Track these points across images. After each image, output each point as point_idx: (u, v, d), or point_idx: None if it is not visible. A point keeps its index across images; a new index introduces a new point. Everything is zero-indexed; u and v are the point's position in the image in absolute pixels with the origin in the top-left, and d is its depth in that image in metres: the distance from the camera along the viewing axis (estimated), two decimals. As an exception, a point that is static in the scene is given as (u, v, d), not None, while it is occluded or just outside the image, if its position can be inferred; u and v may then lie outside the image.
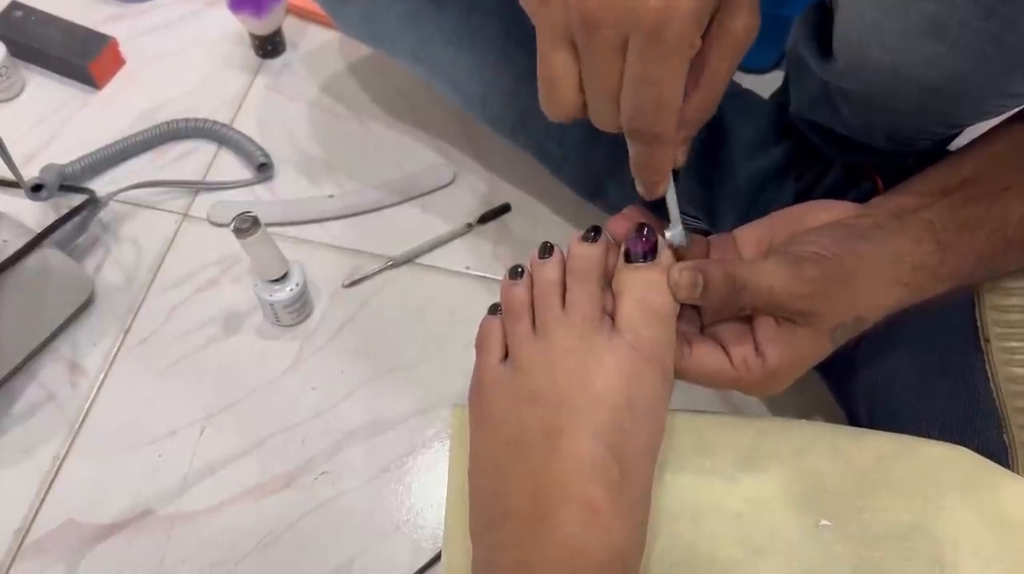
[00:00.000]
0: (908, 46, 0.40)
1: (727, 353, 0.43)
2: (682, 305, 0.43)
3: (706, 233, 0.47)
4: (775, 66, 0.83)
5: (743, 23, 0.38)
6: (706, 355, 0.43)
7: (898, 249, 0.43)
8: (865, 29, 0.41)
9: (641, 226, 0.43)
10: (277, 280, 0.65)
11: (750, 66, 0.83)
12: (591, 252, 0.43)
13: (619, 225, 0.44)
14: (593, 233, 0.44)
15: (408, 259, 0.73)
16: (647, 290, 0.42)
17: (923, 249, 0.43)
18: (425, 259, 0.74)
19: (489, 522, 0.42)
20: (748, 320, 0.44)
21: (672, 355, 0.42)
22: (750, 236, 0.46)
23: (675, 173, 0.43)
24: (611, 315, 0.43)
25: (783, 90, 0.64)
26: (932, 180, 0.47)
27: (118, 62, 0.85)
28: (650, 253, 0.42)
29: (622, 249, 0.43)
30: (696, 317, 0.46)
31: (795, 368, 0.43)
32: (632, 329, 0.41)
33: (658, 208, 0.44)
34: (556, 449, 0.39)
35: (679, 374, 0.44)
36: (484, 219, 0.75)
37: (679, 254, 0.44)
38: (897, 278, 0.43)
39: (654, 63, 0.35)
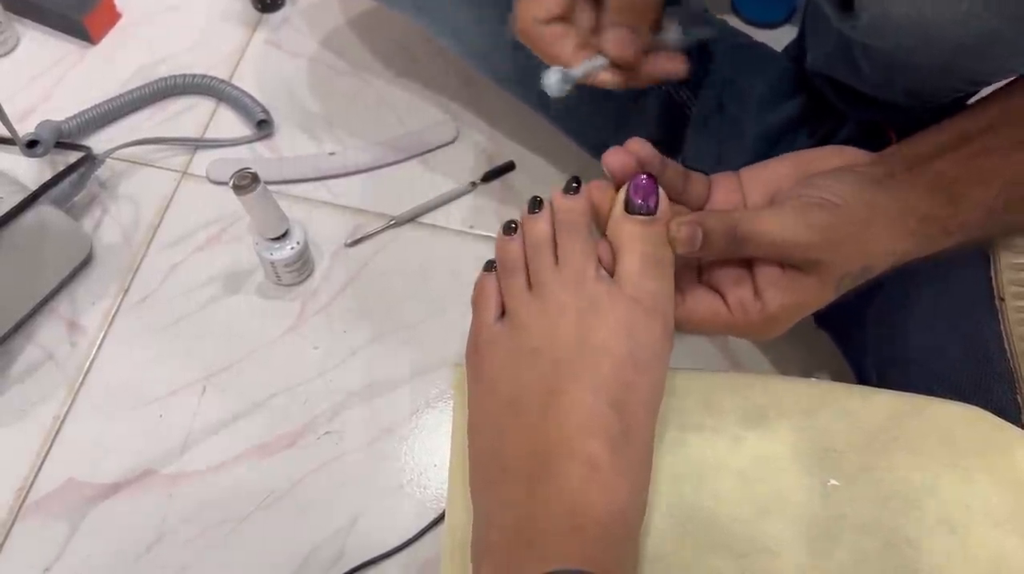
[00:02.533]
0: (939, 3, 0.38)
1: (723, 297, 0.42)
2: None
3: None
4: (787, 20, 0.81)
5: None
6: (701, 300, 0.42)
7: (909, 199, 0.41)
8: None
9: (641, 173, 0.41)
10: (278, 238, 0.64)
11: (762, 19, 0.80)
12: (575, 204, 0.42)
13: (617, 159, 0.42)
14: (574, 184, 0.42)
15: (411, 218, 0.72)
16: (649, 243, 0.40)
17: (935, 200, 0.42)
18: (428, 218, 0.73)
19: (488, 480, 0.41)
20: (747, 263, 0.42)
21: (672, 307, 0.41)
22: (757, 178, 0.45)
23: None
24: (606, 265, 0.42)
25: (797, 44, 0.62)
26: (947, 131, 0.46)
27: (114, 16, 0.83)
28: (653, 204, 0.41)
29: (620, 196, 0.42)
30: (693, 260, 0.45)
31: (795, 314, 0.42)
32: (633, 282, 0.40)
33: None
34: (555, 405, 0.39)
35: (675, 324, 0.43)
36: (488, 177, 0.74)
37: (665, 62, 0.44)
38: (906, 228, 0.41)
39: None
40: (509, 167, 0.75)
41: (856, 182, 0.41)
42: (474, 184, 0.74)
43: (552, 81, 0.43)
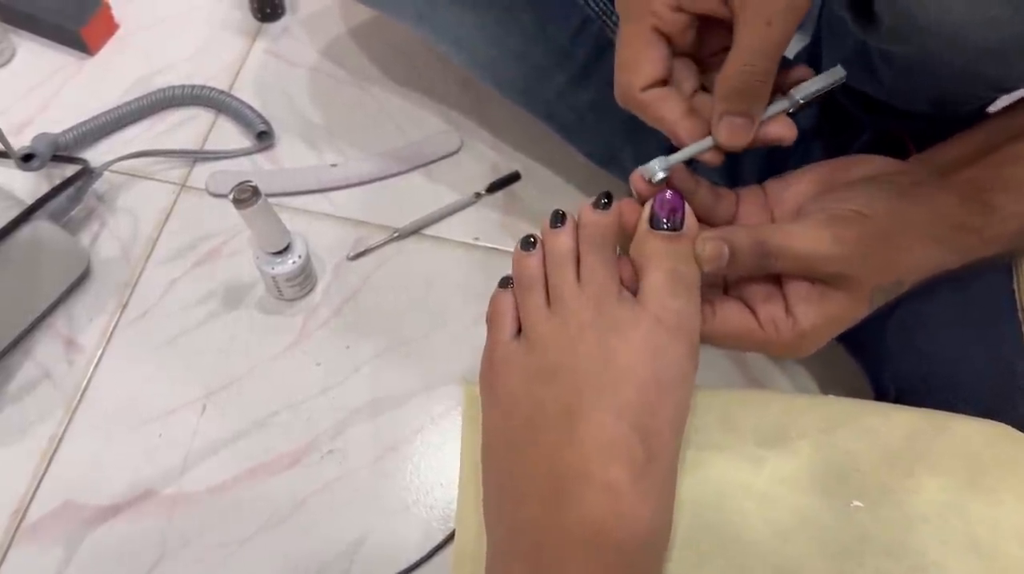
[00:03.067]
0: (970, 7, 0.37)
1: (754, 313, 0.41)
2: None
3: None
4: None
5: None
6: (732, 316, 0.41)
7: (941, 209, 0.40)
8: None
9: (666, 190, 0.40)
10: (279, 252, 0.63)
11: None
12: (604, 220, 0.41)
13: (642, 180, 0.41)
14: (605, 200, 0.41)
15: (414, 230, 0.71)
16: (674, 260, 0.39)
17: (967, 209, 0.40)
18: (432, 230, 0.71)
19: (504, 506, 0.39)
20: (775, 278, 0.41)
21: (698, 326, 0.40)
22: (783, 190, 0.44)
23: None
24: (627, 283, 0.40)
25: (809, 51, 0.61)
26: (973, 139, 0.44)
27: (111, 26, 0.82)
28: (678, 220, 0.39)
29: (645, 212, 0.40)
30: (719, 276, 0.43)
31: (827, 330, 0.41)
32: (657, 300, 0.39)
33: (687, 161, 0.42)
34: (575, 429, 0.37)
35: (703, 338, 0.41)
36: (493, 188, 0.73)
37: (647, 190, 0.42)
38: (939, 239, 0.40)
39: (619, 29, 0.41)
40: (514, 177, 0.74)
41: (885, 192, 0.40)
42: (479, 195, 0.72)
43: (654, 171, 0.41)
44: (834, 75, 0.41)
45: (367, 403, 0.63)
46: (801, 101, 0.41)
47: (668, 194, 0.40)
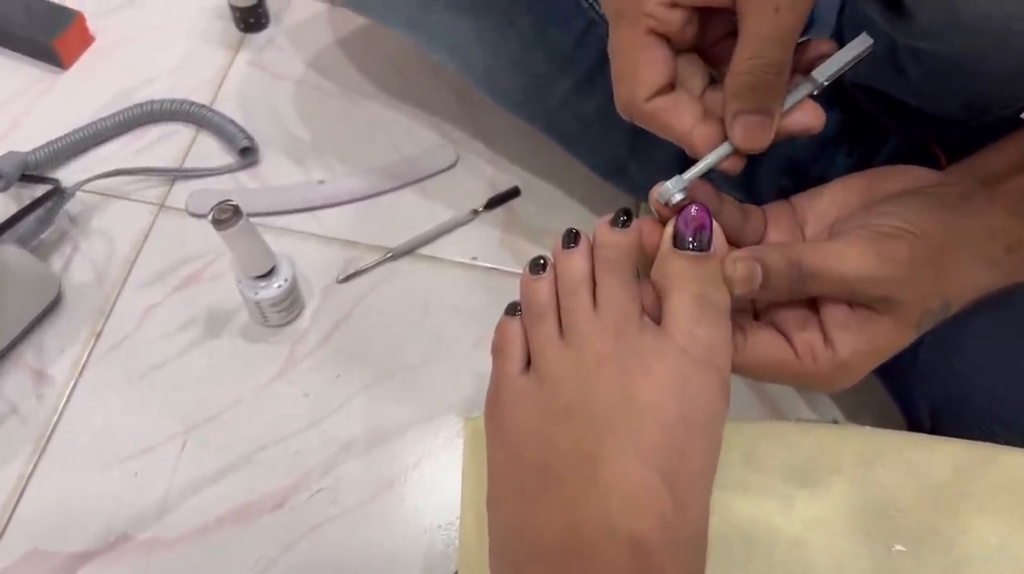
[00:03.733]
0: None
1: (789, 341, 0.37)
2: None
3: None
4: (806, 31, 0.76)
5: None
6: (766, 344, 0.37)
7: (991, 223, 0.37)
8: None
9: (691, 205, 0.36)
10: (263, 276, 0.59)
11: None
12: (622, 239, 0.37)
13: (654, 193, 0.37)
14: (624, 217, 0.37)
15: (408, 250, 0.67)
16: (701, 284, 0.35)
17: (1018, 223, 0.37)
18: (427, 250, 0.67)
19: (513, 563, 0.35)
20: (810, 302, 0.38)
21: (729, 356, 0.36)
22: (813, 205, 0.40)
23: None
24: (649, 310, 0.37)
25: None
26: (1017, 146, 0.41)
27: (86, 39, 0.78)
28: (705, 238, 0.35)
29: (668, 230, 0.36)
30: (747, 300, 0.40)
31: (870, 360, 0.37)
32: (683, 329, 0.35)
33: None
34: (595, 477, 0.33)
35: (734, 369, 0.37)
36: (491, 204, 0.69)
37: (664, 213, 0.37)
38: (990, 257, 0.37)
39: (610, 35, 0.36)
40: (514, 193, 0.70)
41: (931, 206, 0.37)
42: (476, 212, 0.69)
43: (670, 193, 0.36)
44: (860, 45, 0.36)
45: (360, 437, 0.59)
46: (825, 83, 0.37)
47: (693, 210, 0.36)
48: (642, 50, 0.35)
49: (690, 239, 0.35)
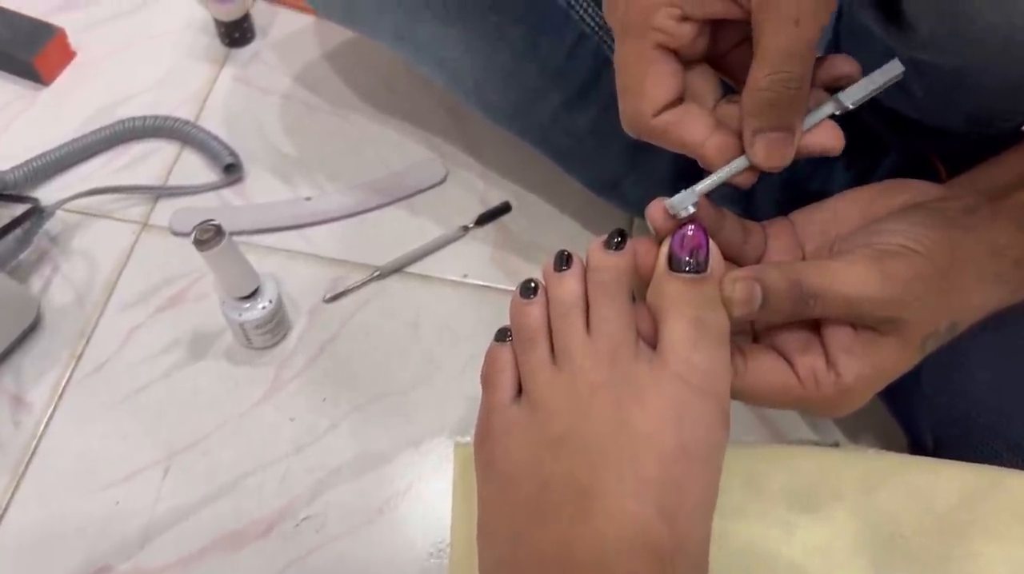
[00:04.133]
0: None
1: (791, 365, 0.36)
2: None
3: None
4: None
5: None
6: (767, 369, 0.36)
7: (997, 239, 0.36)
8: None
9: (687, 225, 0.35)
10: (247, 297, 0.57)
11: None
12: (617, 262, 0.35)
13: (661, 212, 0.35)
14: (618, 238, 0.35)
15: (397, 268, 0.66)
16: (699, 307, 0.34)
17: None
18: (416, 267, 0.66)
19: (505, 602, 0.34)
20: (812, 323, 0.36)
21: (728, 383, 0.34)
22: (811, 222, 0.39)
23: None
24: (645, 335, 0.35)
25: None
26: (1019, 159, 0.40)
27: (67, 55, 0.76)
28: (702, 259, 0.34)
29: (663, 250, 0.35)
30: (746, 322, 0.38)
31: (873, 384, 0.36)
32: (680, 355, 0.33)
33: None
34: (589, 512, 0.32)
35: (733, 394, 0.36)
36: (481, 220, 0.68)
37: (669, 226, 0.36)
38: (997, 274, 0.36)
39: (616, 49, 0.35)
40: (505, 208, 0.69)
41: (935, 222, 0.35)
42: (466, 228, 0.67)
43: (682, 205, 0.35)
44: (892, 71, 0.35)
45: (348, 462, 0.57)
46: (851, 106, 0.35)
47: (689, 230, 0.34)
48: (650, 65, 0.34)
49: (686, 260, 0.34)
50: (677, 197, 0.35)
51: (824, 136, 0.35)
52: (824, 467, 0.44)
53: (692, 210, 0.35)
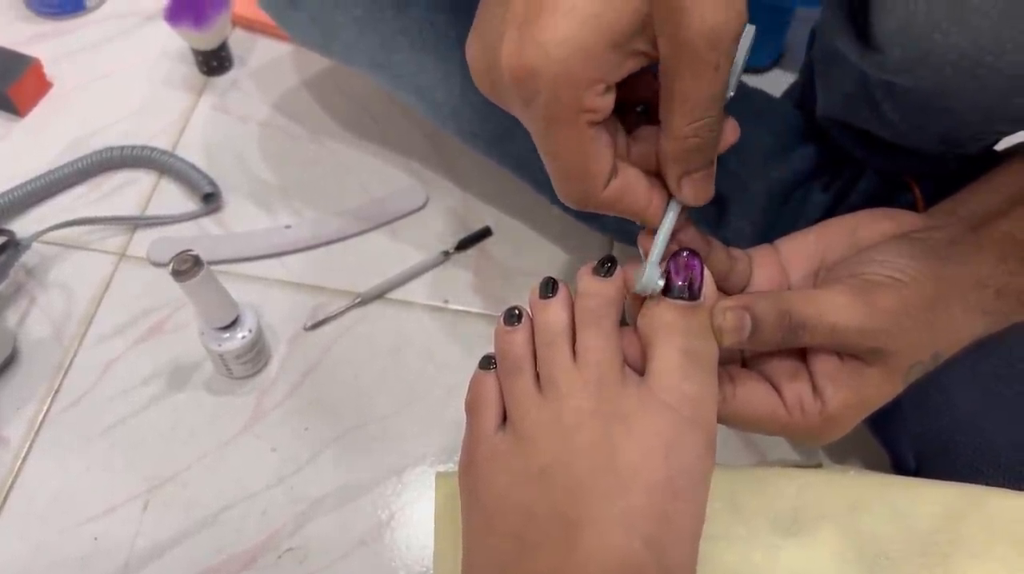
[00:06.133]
0: (1006, 25, 0.32)
1: (779, 392, 0.36)
2: None
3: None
4: (775, 64, 0.76)
5: (697, 26, 0.29)
6: (755, 395, 0.36)
7: (981, 269, 0.36)
8: (939, 8, 0.33)
9: (682, 250, 0.35)
10: (226, 327, 0.57)
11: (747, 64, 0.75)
12: (606, 288, 0.35)
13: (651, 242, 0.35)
14: (608, 265, 0.35)
15: (378, 294, 0.65)
16: (690, 336, 0.34)
17: (1006, 268, 0.36)
18: (397, 293, 0.66)
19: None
20: (799, 351, 0.36)
21: (715, 413, 0.34)
22: (796, 250, 0.39)
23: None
24: (632, 362, 0.35)
25: (802, 88, 0.57)
26: (1005, 182, 0.40)
27: (43, 86, 0.76)
28: (697, 287, 0.34)
29: None
30: (736, 350, 0.38)
31: (857, 413, 0.36)
32: (669, 385, 0.33)
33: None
34: (575, 545, 0.31)
35: (720, 419, 0.36)
36: (462, 246, 0.68)
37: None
38: (980, 305, 0.36)
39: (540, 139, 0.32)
40: (485, 233, 0.68)
41: (921, 253, 0.36)
42: (447, 254, 0.67)
43: (653, 282, 0.34)
44: (748, 35, 0.32)
45: (330, 492, 0.57)
46: (731, 93, 0.33)
47: (684, 256, 0.34)
48: (589, 146, 0.32)
49: (680, 287, 0.34)
50: (643, 279, 0.34)
51: (730, 134, 0.34)
52: (807, 489, 0.44)
53: (662, 283, 0.34)
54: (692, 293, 0.34)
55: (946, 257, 0.36)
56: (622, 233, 0.61)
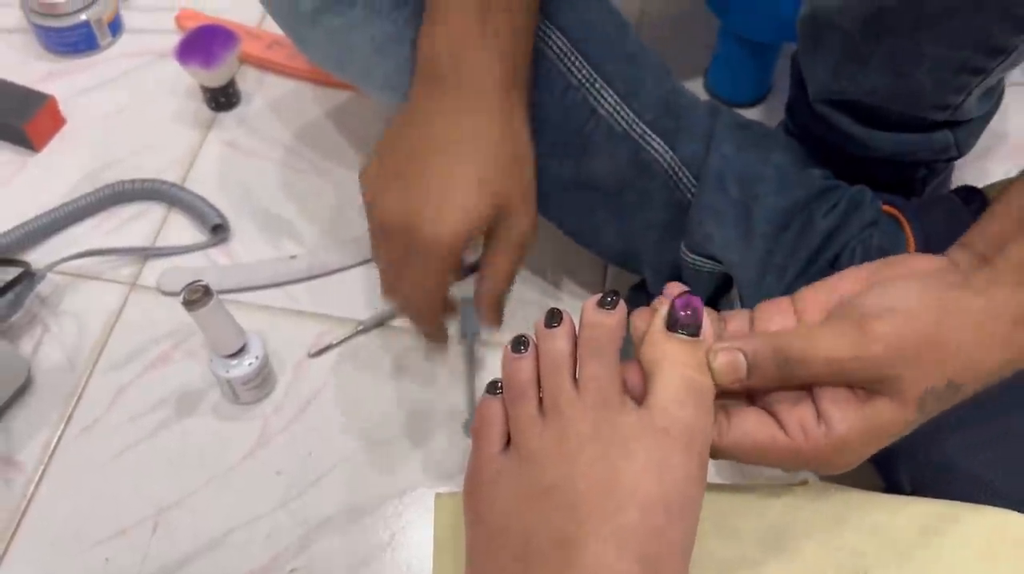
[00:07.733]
0: None
1: (778, 420, 0.37)
2: None
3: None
4: (763, 99, 0.79)
5: (518, 232, 0.50)
6: (749, 424, 0.37)
7: (996, 297, 0.36)
8: None
9: (688, 292, 0.37)
10: (234, 354, 0.59)
11: (737, 99, 0.78)
12: (608, 321, 0.37)
13: (675, 288, 0.39)
14: (612, 297, 0.37)
15: (380, 322, 0.67)
16: (691, 367, 0.36)
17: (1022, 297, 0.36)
18: (398, 321, 0.67)
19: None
20: (807, 387, 0.37)
21: (709, 441, 0.36)
22: (814, 299, 0.40)
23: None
24: (632, 390, 0.37)
25: (790, 113, 0.61)
26: (1011, 209, 0.40)
27: (58, 122, 0.78)
28: (697, 325, 0.36)
29: (662, 312, 0.37)
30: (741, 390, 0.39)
31: (871, 439, 0.37)
32: (667, 411, 0.35)
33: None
34: (572, 561, 0.33)
35: (716, 453, 0.37)
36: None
37: None
38: (997, 335, 0.36)
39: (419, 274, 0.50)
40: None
41: (927, 287, 0.36)
42: (447, 282, 0.69)
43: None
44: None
45: (334, 514, 0.58)
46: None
47: (688, 295, 0.37)
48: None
49: (683, 319, 0.36)
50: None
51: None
52: (792, 506, 0.45)
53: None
54: (695, 329, 0.36)
55: (955, 286, 0.36)
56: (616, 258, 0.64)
